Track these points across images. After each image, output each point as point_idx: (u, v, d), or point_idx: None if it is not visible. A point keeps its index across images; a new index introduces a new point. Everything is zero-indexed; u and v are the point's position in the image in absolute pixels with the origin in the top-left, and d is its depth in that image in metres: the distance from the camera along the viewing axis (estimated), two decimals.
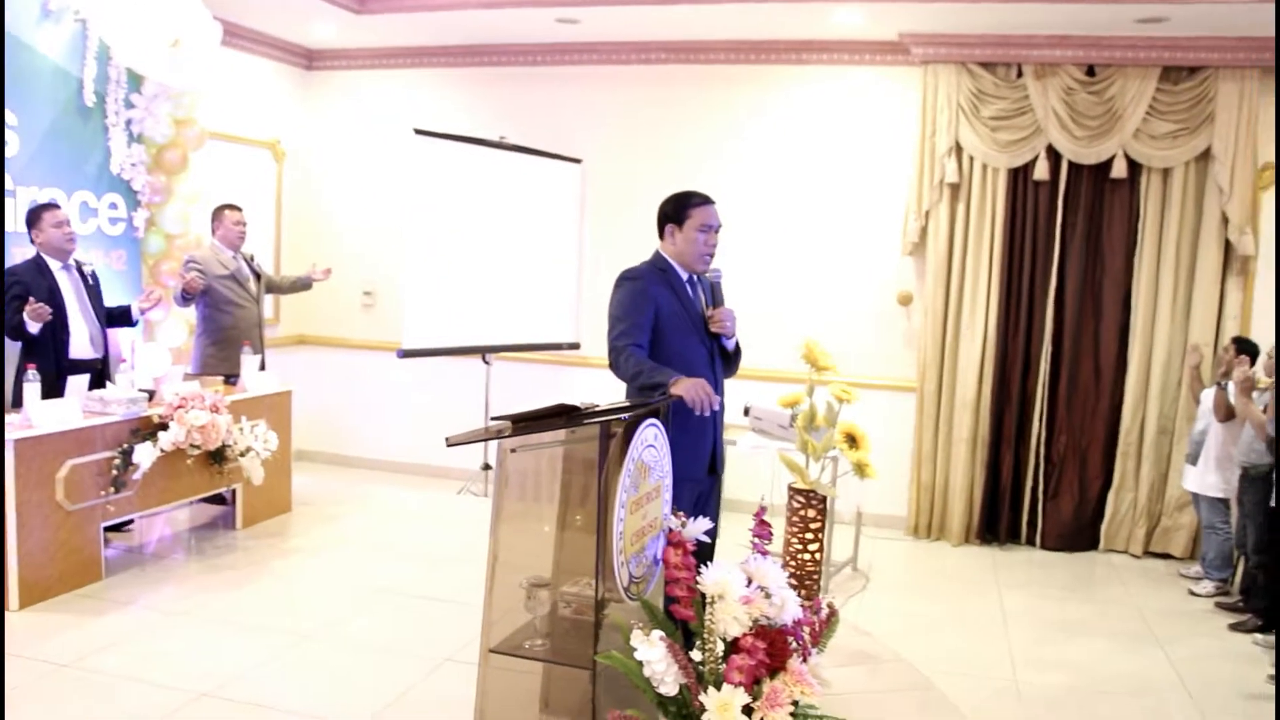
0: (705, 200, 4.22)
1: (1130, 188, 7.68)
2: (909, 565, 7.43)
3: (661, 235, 4.24)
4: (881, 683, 4.90)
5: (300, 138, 9.18)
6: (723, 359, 4.38)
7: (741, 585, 2.96)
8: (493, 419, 3.19)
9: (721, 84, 8.29)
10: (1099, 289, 7.80)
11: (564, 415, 3.15)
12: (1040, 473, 7.90)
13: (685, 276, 4.20)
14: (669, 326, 4.05)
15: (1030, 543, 7.94)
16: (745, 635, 2.88)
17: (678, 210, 4.19)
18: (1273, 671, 5.65)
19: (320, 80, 9.25)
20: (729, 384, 7.60)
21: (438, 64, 8.92)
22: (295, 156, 9.13)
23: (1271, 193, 7.57)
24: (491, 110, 8.70)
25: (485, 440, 3.07)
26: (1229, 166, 7.40)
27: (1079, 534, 7.90)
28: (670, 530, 3.15)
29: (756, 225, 8.22)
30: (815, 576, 5.03)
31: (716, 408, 3.80)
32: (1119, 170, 7.56)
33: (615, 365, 3.98)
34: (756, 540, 3.17)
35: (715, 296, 4.31)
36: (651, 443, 3.29)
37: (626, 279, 4.15)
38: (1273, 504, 5.88)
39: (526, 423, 3.12)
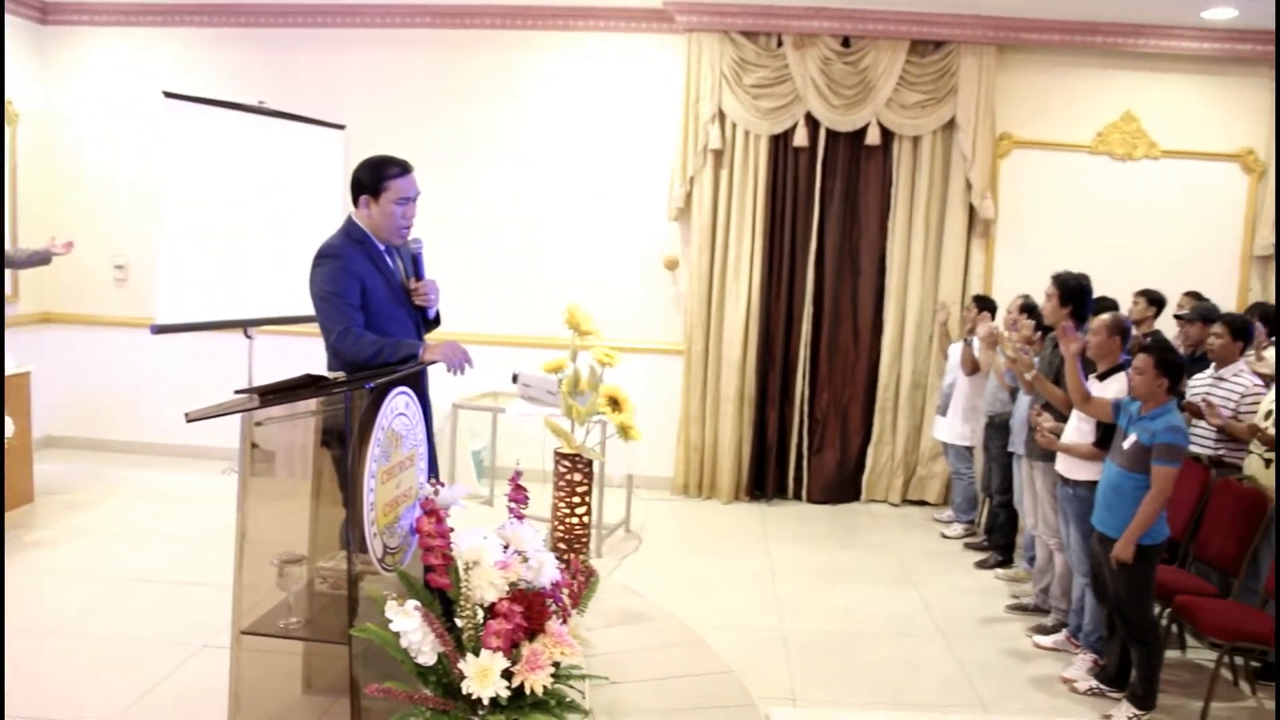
0: (403, 170, 3.89)
1: (884, 154, 8.03)
2: (680, 524, 7.60)
3: (356, 204, 3.91)
4: (651, 640, 4.99)
5: (36, 99, 8.55)
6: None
7: (498, 550, 2.95)
8: (236, 391, 3.06)
9: (491, 50, 8.19)
10: (856, 251, 8.13)
11: (311, 385, 3.06)
12: (804, 429, 8.19)
13: (383, 247, 3.92)
14: (374, 301, 3.81)
15: (797, 497, 8.24)
16: (502, 600, 2.87)
17: (374, 181, 3.85)
18: (1010, 602, 6.08)
19: (58, 37, 8.63)
20: (500, 350, 7.61)
21: (191, 23, 8.46)
22: (32, 119, 8.51)
23: (1009, 159, 8.08)
24: (251, 74, 8.32)
25: (228, 414, 2.95)
26: (971, 135, 7.82)
27: (842, 486, 8.25)
28: (424, 499, 3.11)
29: (526, 191, 8.21)
30: (584, 540, 5.07)
31: (472, 367, 3.73)
32: (873, 137, 7.88)
33: (343, 349, 3.65)
34: (513, 505, 3.17)
35: (417, 267, 4.07)
36: (402, 411, 3.23)
37: (326, 256, 3.83)
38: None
39: (273, 394, 3.02)
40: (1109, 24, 7.80)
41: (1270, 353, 5.50)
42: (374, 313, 3.75)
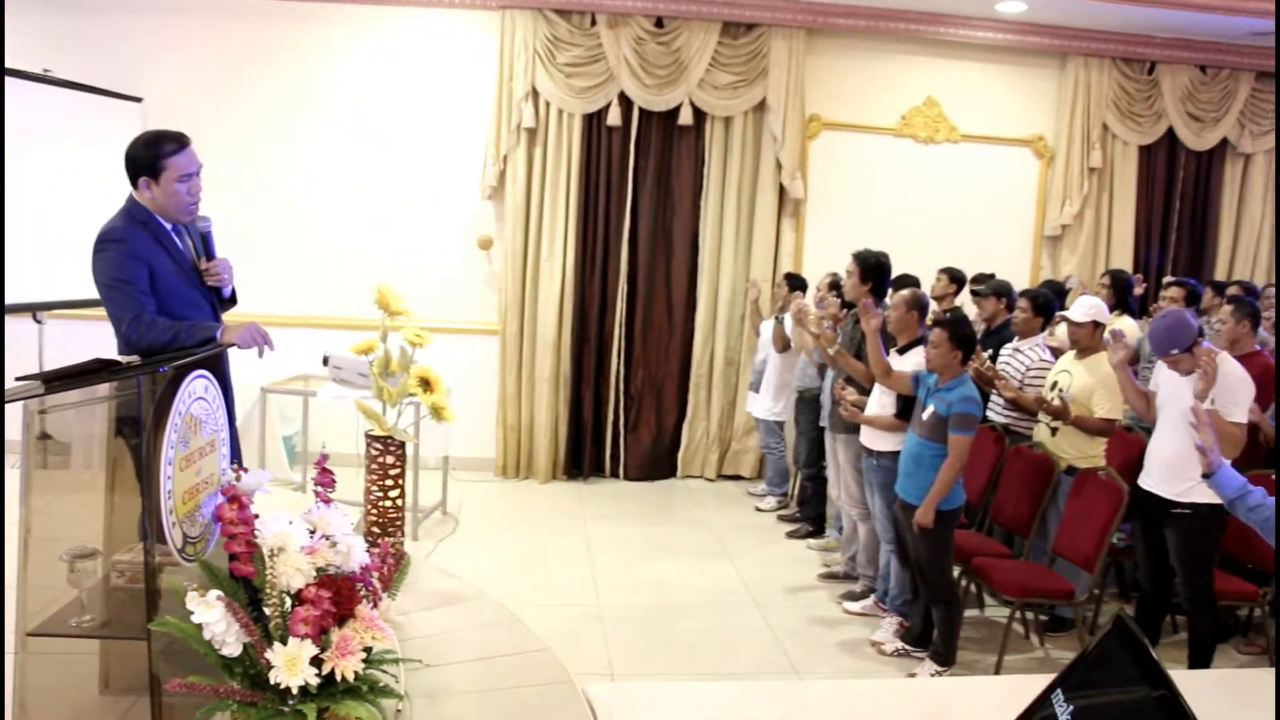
0: (179, 145, 3.57)
1: (696, 134, 8.13)
2: (498, 505, 7.57)
3: (135, 185, 3.58)
4: (468, 621, 4.94)
5: None
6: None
7: (304, 536, 2.87)
8: (18, 378, 2.87)
9: (301, 22, 7.88)
10: (669, 230, 8.21)
11: (102, 370, 2.90)
12: (620, 407, 8.26)
13: (170, 226, 3.65)
14: (163, 284, 3.56)
15: (614, 475, 8.31)
16: (309, 586, 2.80)
17: (150, 160, 3.53)
18: (821, 570, 6.28)
19: None
20: (311, 332, 7.41)
21: None
22: None
23: (818, 141, 8.29)
24: (37, 40, 7.81)
25: (10, 402, 2.77)
26: (781, 117, 7.99)
27: (658, 463, 8.35)
28: (226, 485, 3.00)
29: (336, 169, 7.97)
30: (399, 523, 4.99)
31: (274, 349, 3.59)
32: (686, 117, 7.97)
33: (136, 338, 3.42)
34: (319, 489, 3.08)
35: (208, 247, 3.83)
36: (201, 395, 3.10)
37: (108, 241, 3.52)
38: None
39: (59, 381, 2.85)
40: (912, 12, 8.09)
41: (1061, 329, 5.81)
42: (165, 296, 3.52)
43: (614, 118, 7.91)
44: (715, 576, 6.22)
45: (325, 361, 6.61)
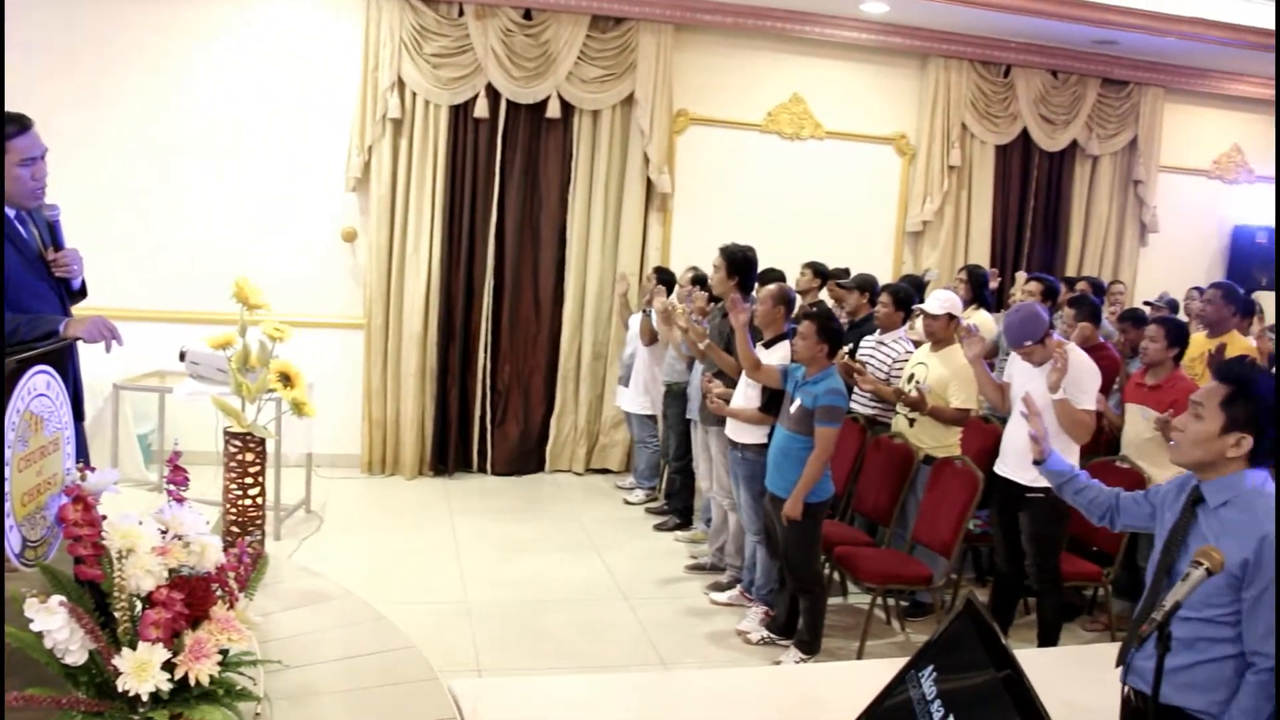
0: (21, 126, 3.33)
1: (564, 128, 8.11)
2: (363, 502, 7.43)
3: None
4: (332, 620, 4.84)
5: None
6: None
7: (155, 536, 2.77)
8: None
9: (163, 5, 7.52)
10: (537, 224, 8.18)
11: None
12: (488, 402, 8.19)
13: (13, 214, 3.44)
14: (9, 275, 3.34)
15: (482, 470, 8.23)
16: (161, 588, 2.70)
17: None
18: (689, 562, 6.33)
19: None
20: (168, 327, 7.17)
21: None
22: None
23: (686, 135, 8.35)
24: None
25: None
26: (649, 111, 8.03)
27: (526, 458, 8.31)
28: (70, 485, 2.87)
29: (195, 158, 7.67)
30: (260, 522, 4.86)
31: (121, 344, 3.45)
32: (554, 110, 7.94)
33: None
34: (171, 487, 2.98)
35: (55, 236, 3.62)
36: (43, 391, 2.96)
37: None
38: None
39: None
40: (779, 10, 8.20)
41: (920, 321, 5.95)
42: (9, 287, 3.35)
43: (481, 110, 7.83)
44: (583, 570, 6.22)
45: (182, 357, 6.39)
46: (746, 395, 5.36)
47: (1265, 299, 8.70)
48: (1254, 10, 8.02)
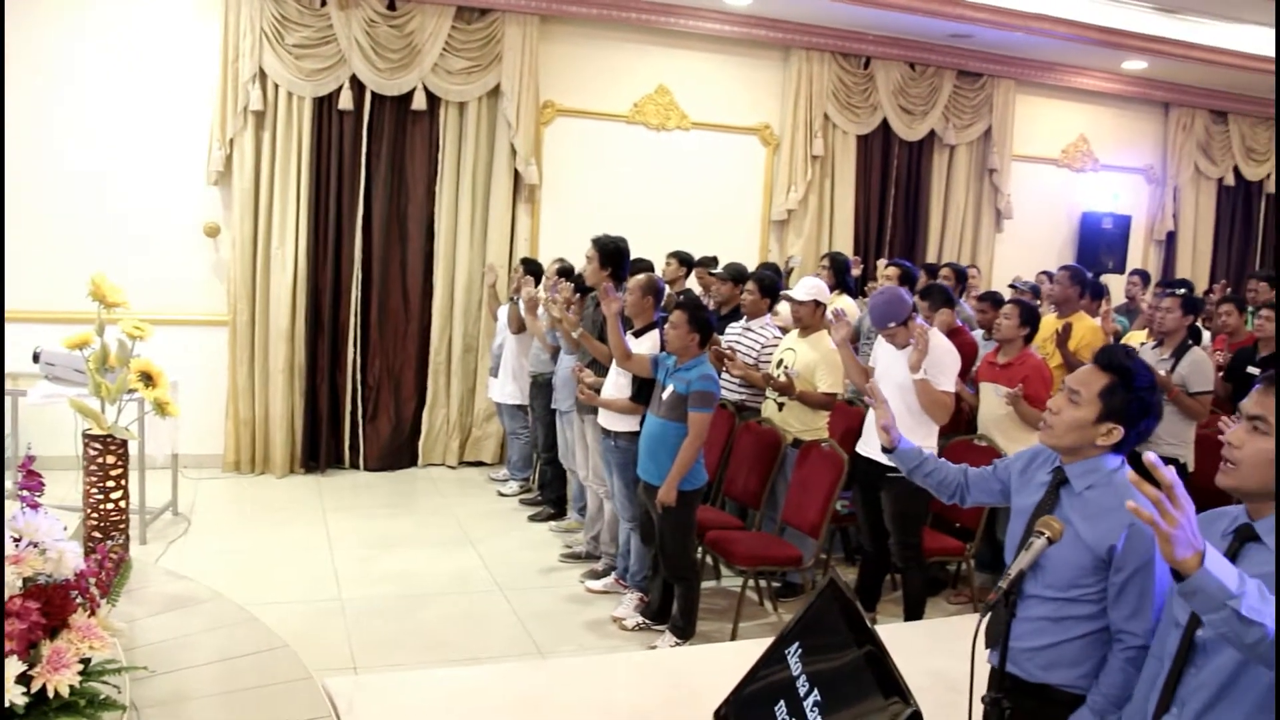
0: None
1: (430, 120, 8.05)
2: (232, 502, 7.29)
3: None
4: (202, 624, 4.75)
5: None
6: None
7: (9, 545, 2.69)
8: None
9: None
10: (404, 217, 8.11)
11: None
12: (358, 397, 8.11)
13: None
14: None
15: (354, 466, 8.14)
16: (14, 598, 2.63)
17: None
18: (563, 551, 6.37)
19: None
20: (20, 327, 6.92)
21: None
22: None
23: (552, 127, 8.36)
24: None
25: None
26: (515, 103, 8.02)
27: (398, 453, 8.25)
28: None
29: (46, 151, 7.35)
30: (122, 526, 4.73)
31: None
32: (419, 102, 7.88)
33: None
34: (25, 493, 2.90)
35: None
36: None
37: None
38: None
39: None
40: (644, 1, 8.29)
41: (784, 306, 6.07)
42: None
43: (345, 101, 7.73)
44: (458, 563, 6.21)
45: (36, 358, 6.19)
46: (617, 384, 5.41)
47: (1113, 282, 9.13)
48: (1095, 9, 8.41)
